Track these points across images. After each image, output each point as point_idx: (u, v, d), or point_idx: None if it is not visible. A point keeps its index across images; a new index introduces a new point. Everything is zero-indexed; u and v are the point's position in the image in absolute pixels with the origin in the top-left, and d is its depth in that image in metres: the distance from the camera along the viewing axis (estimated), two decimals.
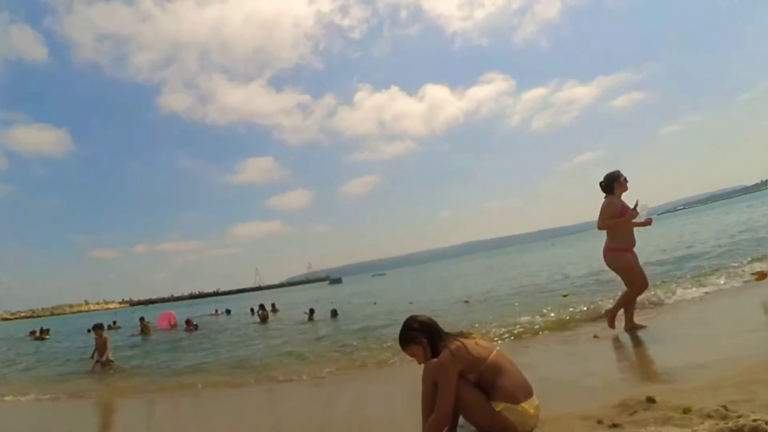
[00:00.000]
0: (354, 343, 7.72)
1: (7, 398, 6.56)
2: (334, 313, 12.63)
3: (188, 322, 16.08)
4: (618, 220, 4.72)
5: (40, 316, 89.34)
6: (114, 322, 22.17)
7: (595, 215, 4.93)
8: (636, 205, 4.68)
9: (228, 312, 24.47)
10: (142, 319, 17.74)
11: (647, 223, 4.83)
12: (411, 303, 12.40)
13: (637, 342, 4.55)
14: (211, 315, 24.28)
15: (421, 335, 2.64)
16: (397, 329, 2.73)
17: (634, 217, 4.70)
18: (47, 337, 18.09)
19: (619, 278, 5.03)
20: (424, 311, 2.87)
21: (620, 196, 4.85)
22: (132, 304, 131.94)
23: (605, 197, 4.88)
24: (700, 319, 5.38)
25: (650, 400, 2.40)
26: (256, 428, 3.98)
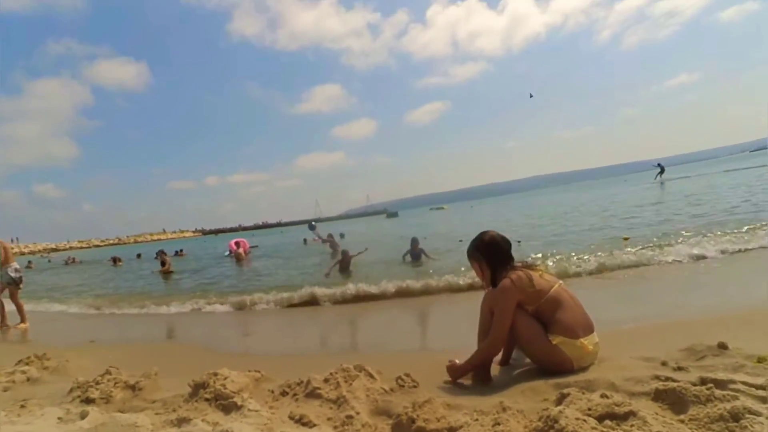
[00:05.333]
0: None
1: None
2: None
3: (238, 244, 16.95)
4: None
5: (125, 243, 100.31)
6: (181, 250, 24.05)
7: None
8: None
9: (342, 236, 21.10)
10: (161, 252, 15.09)
11: None
12: (461, 241, 12.33)
13: (710, 285, 4.30)
14: (314, 240, 21.88)
15: (480, 255, 2.64)
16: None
17: None
18: (121, 264, 21.98)
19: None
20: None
21: None
22: (204, 233, 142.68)
23: None
24: None
25: (722, 347, 2.28)
26: None
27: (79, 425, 1.97)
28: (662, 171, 36.39)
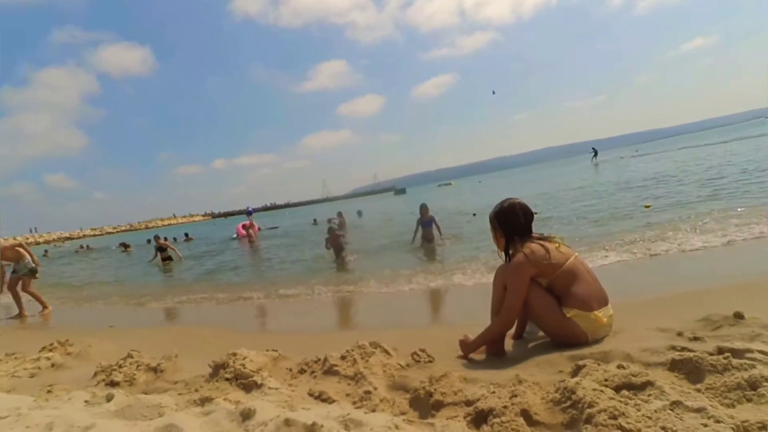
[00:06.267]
0: None
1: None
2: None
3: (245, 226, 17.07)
4: None
5: (137, 230, 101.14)
6: (187, 234, 24.24)
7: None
8: None
9: (360, 214, 21.83)
10: (156, 237, 14.06)
11: None
12: (474, 215, 12.28)
13: (725, 255, 4.27)
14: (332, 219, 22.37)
15: (497, 223, 2.62)
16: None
17: None
18: (130, 249, 22.18)
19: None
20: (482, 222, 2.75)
21: None
22: (213, 216, 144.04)
23: None
24: None
25: (738, 316, 2.27)
26: None
27: (106, 407, 2.03)
28: (596, 154, 42.96)
